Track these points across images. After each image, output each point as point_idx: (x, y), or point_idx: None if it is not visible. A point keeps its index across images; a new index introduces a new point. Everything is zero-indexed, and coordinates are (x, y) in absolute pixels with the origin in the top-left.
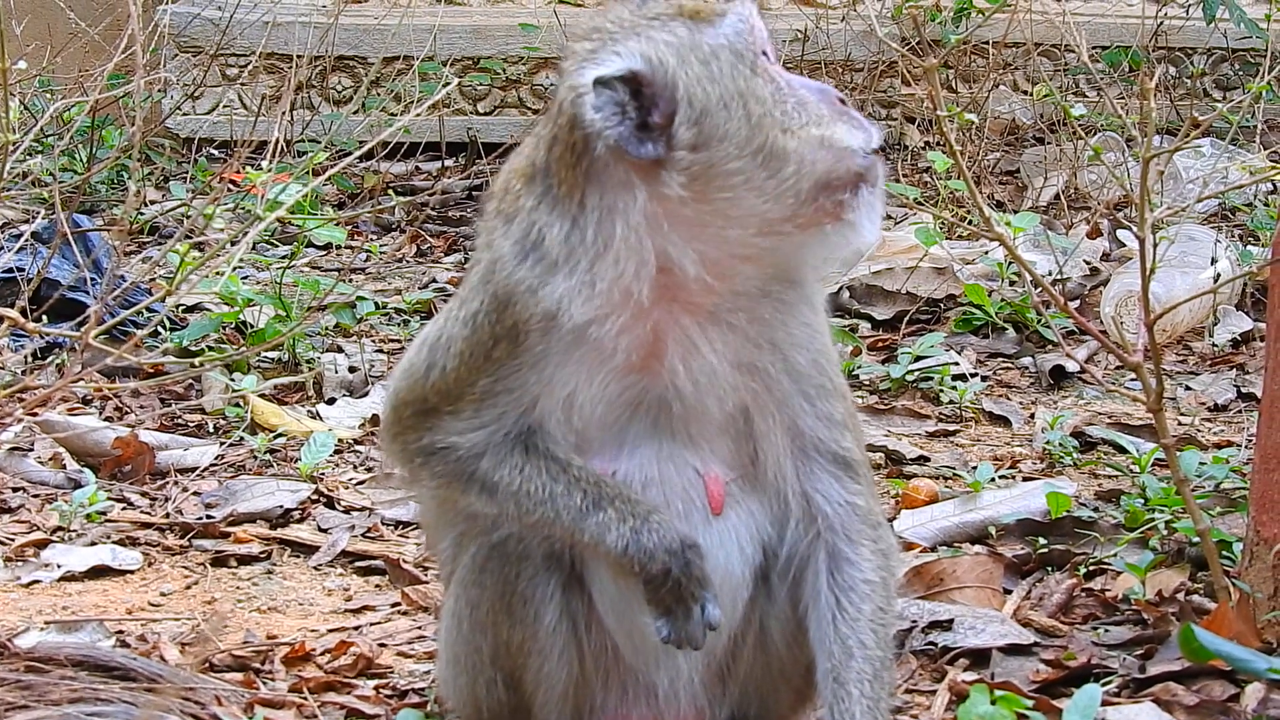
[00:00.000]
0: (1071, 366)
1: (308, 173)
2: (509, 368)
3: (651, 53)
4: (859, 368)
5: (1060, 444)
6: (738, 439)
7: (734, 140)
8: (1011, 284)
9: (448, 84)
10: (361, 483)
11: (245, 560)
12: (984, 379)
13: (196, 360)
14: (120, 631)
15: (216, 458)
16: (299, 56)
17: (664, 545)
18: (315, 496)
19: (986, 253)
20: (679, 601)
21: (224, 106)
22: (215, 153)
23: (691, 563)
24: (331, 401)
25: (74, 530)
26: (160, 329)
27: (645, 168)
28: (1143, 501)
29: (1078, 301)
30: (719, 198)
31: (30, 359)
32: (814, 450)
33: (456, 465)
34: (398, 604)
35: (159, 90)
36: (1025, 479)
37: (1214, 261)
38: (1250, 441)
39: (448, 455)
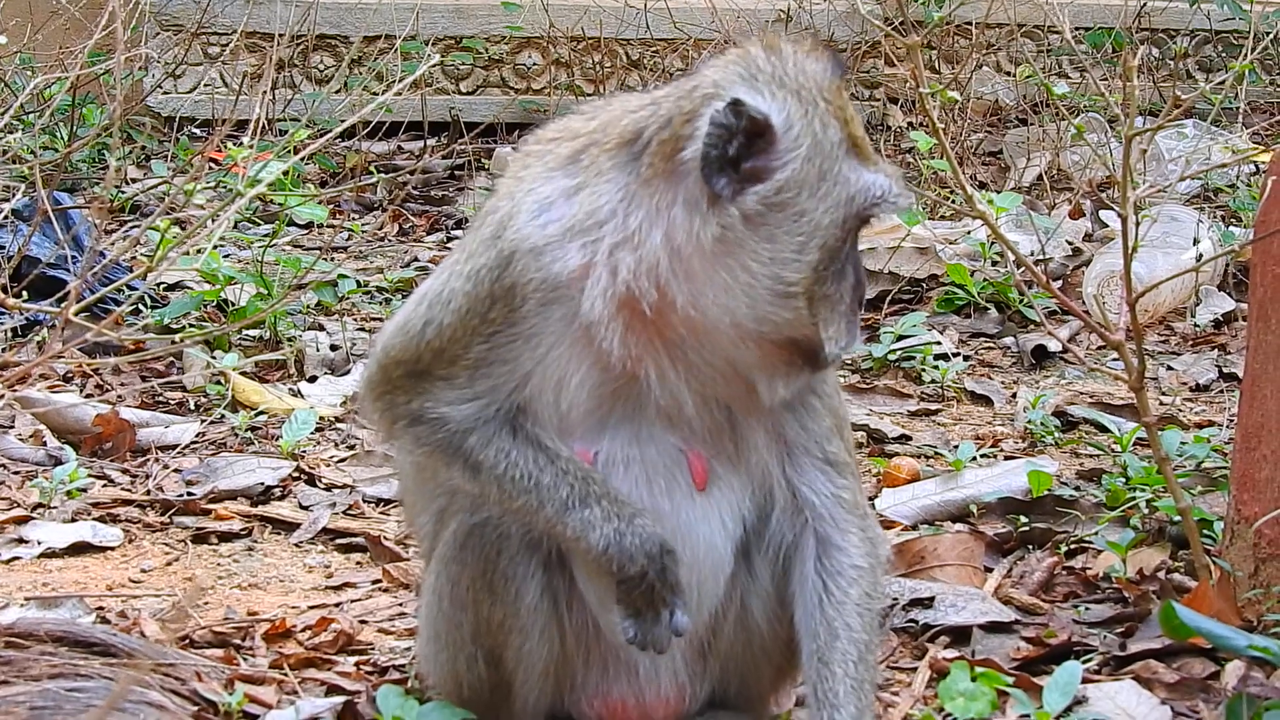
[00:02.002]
0: (1053, 346)
1: (289, 150)
2: (505, 336)
3: (799, 123)
4: None
5: (1042, 423)
6: (721, 428)
7: (776, 247)
8: (994, 264)
9: (429, 60)
10: (343, 460)
11: (226, 537)
12: (966, 358)
13: (177, 336)
14: (100, 608)
15: (197, 435)
16: (280, 35)
17: (645, 549)
18: (296, 474)
19: (969, 232)
20: (650, 605)
21: (205, 85)
22: (197, 131)
23: (668, 569)
24: (313, 379)
25: (54, 507)
26: (141, 307)
27: (710, 198)
28: (1124, 480)
29: (1060, 282)
30: (721, 274)
31: (10, 336)
32: (800, 451)
33: (444, 437)
34: (378, 581)
35: (140, 68)
36: (1007, 458)
37: (1196, 242)
38: (1231, 421)
39: (436, 425)
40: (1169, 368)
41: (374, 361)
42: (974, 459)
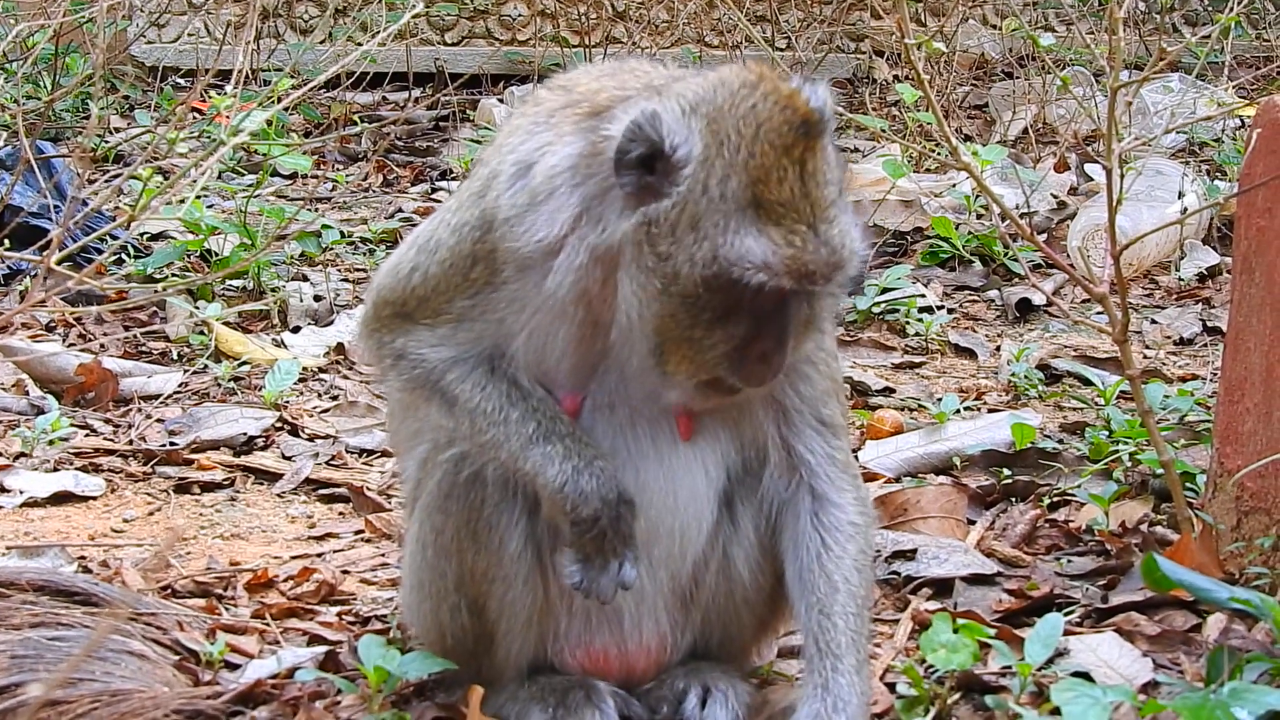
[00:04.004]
0: (1038, 299)
1: (273, 100)
2: (487, 298)
3: (695, 164)
4: None
5: (1025, 376)
6: None
7: (643, 279)
8: (979, 217)
9: (414, 9)
10: (326, 411)
11: (208, 487)
12: (950, 311)
13: (160, 286)
14: (82, 557)
15: (180, 385)
16: None
17: (600, 493)
18: (279, 424)
19: (954, 185)
20: (599, 552)
21: (189, 35)
22: (180, 81)
23: (622, 517)
24: (296, 330)
25: (36, 456)
26: (124, 256)
27: (620, 197)
28: (1107, 433)
29: (1045, 235)
30: (615, 275)
31: None
32: (796, 414)
33: (424, 373)
34: (361, 531)
35: (124, 17)
36: (990, 411)
37: (1181, 196)
38: (1215, 374)
39: (417, 362)
40: (1153, 321)
41: (369, 299)
42: (957, 412)
